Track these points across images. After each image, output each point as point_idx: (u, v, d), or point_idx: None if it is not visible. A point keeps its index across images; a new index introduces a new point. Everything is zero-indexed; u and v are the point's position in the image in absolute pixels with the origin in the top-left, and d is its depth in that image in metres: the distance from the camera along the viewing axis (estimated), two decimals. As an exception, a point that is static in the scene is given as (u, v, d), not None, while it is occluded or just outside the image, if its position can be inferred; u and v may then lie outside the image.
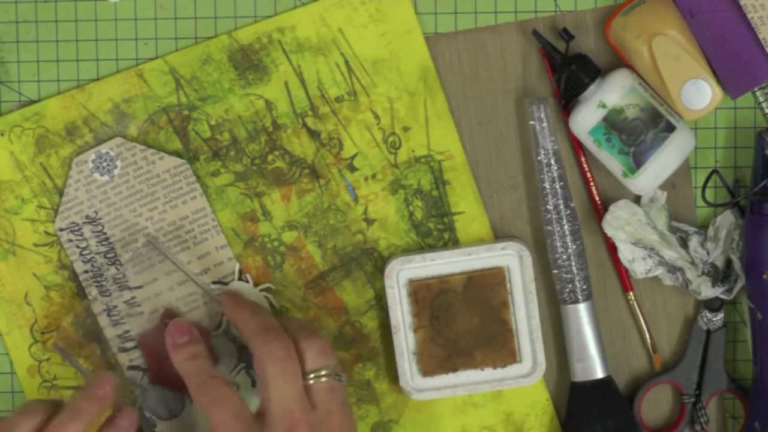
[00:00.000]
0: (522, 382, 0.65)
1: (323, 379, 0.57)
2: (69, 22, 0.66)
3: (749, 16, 0.62)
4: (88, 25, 0.66)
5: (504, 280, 0.65)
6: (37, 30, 0.66)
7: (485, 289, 0.64)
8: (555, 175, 0.65)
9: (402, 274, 0.65)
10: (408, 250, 0.66)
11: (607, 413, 0.65)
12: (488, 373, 0.65)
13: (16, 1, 0.65)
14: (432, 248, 0.66)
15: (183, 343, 0.60)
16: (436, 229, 0.67)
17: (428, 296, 0.65)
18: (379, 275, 0.67)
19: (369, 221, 0.66)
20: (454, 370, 0.65)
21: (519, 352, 0.65)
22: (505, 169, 0.67)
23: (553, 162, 0.65)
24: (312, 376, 0.57)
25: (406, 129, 0.66)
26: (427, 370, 0.65)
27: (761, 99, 0.66)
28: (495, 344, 0.65)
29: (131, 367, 0.66)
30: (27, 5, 0.65)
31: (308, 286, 0.66)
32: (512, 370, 0.65)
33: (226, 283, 0.66)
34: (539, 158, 0.65)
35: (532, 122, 0.65)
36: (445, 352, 0.65)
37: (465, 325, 0.65)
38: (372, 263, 0.66)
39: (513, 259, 0.65)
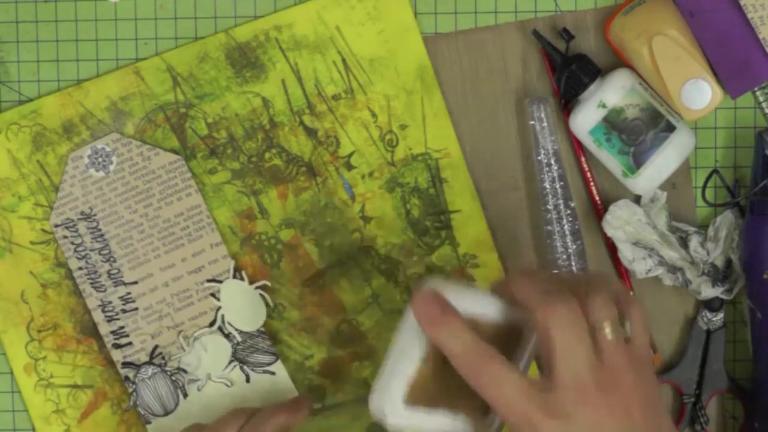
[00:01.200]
0: None
1: (607, 332, 0.52)
2: (69, 22, 0.66)
3: (749, 16, 0.62)
4: (88, 25, 0.66)
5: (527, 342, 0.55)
6: (37, 30, 0.66)
7: (509, 343, 0.55)
8: (555, 175, 0.65)
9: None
10: (404, 247, 0.67)
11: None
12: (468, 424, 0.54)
13: (16, 1, 0.66)
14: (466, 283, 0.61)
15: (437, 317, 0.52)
16: (433, 227, 0.67)
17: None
18: (376, 273, 0.67)
19: (366, 219, 0.67)
20: (437, 407, 0.53)
21: None
22: (505, 169, 0.67)
23: (553, 162, 0.65)
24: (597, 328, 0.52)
25: (403, 127, 0.67)
26: (411, 399, 0.53)
27: (761, 99, 0.66)
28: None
29: (125, 364, 0.66)
30: (27, 5, 0.66)
31: (305, 284, 0.67)
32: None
33: (221, 281, 0.66)
34: (539, 158, 0.66)
35: (533, 122, 0.65)
36: (442, 388, 0.54)
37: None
38: (369, 261, 0.67)
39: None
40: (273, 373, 0.66)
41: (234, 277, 0.66)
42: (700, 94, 0.63)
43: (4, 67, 0.66)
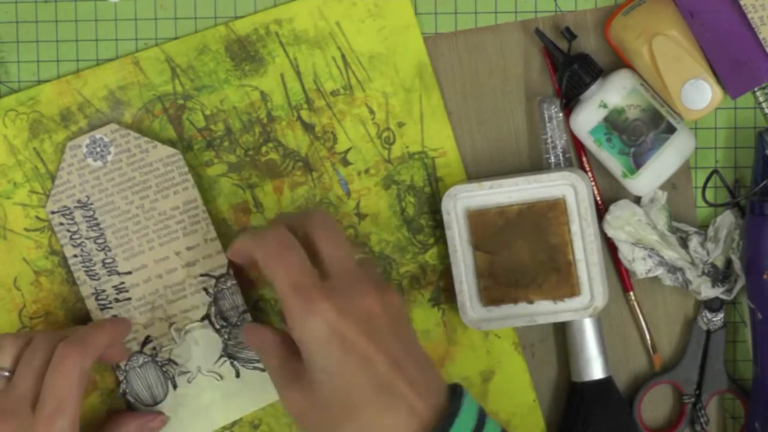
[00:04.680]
0: (578, 315, 0.65)
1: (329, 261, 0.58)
2: (69, 22, 0.68)
3: (749, 16, 0.64)
4: (88, 25, 0.68)
5: (563, 211, 0.65)
6: (37, 30, 0.68)
7: (544, 219, 0.65)
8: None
9: (460, 203, 0.66)
10: (398, 244, 0.68)
11: (607, 413, 0.67)
12: (546, 305, 0.66)
13: (16, 1, 0.68)
14: (489, 177, 0.67)
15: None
16: (428, 226, 0.69)
17: (486, 226, 0.66)
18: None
19: (361, 216, 0.69)
20: (515, 301, 0.66)
21: (578, 285, 0.65)
22: (505, 170, 0.69)
23: (562, 162, 0.68)
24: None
25: (400, 125, 0.69)
26: (488, 300, 0.66)
27: (761, 99, 0.68)
28: (554, 276, 0.65)
29: (117, 353, 0.69)
30: (27, 5, 0.68)
31: (299, 278, 0.69)
32: (570, 303, 0.65)
33: (216, 277, 0.68)
34: (547, 156, 0.68)
35: (550, 123, 0.67)
36: (505, 281, 0.66)
37: (524, 255, 0.66)
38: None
39: (569, 189, 0.65)
40: (263, 370, 0.68)
41: (228, 272, 0.67)
42: (700, 94, 0.65)
43: (4, 67, 0.68)
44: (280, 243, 0.56)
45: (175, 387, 0.68)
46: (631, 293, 0.69)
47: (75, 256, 0.68)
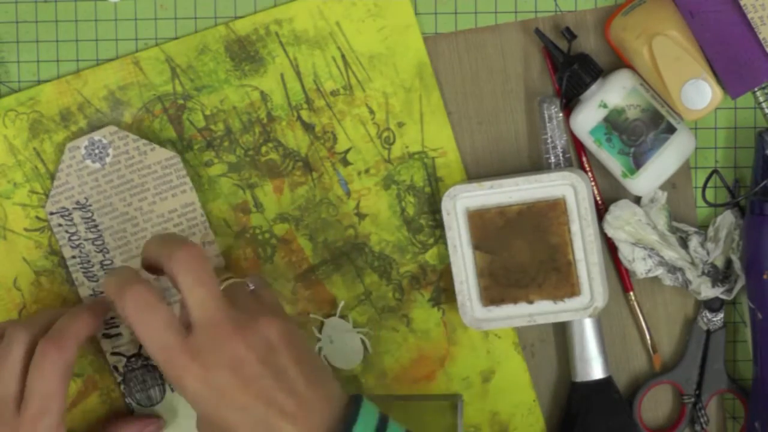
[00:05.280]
0: (578, 315, 0.66)
1: (229, 281, 0.60)
2: (69, 22, 0.69)
3: (749, 16, 0.64)
4: (88, 25, 0.69)
5: (563, 211, 0.65)
6: (37, 30, 0.69)
7: (544, 219, 0.65)
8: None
9: (460, 203, 0.66)
10: (398, 244, 0.69)
11: (607, 413, 0.67)
12: (546, 305, 0.66)
13: (16, 1, 0.69)
14: (489, 177, 0.67)
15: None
16: (427, 226, 0.69)
17: (486, 226, 0.66)
18: (369, 270, 0.70)
19: (361, 216, 0.69)
20: (515, 301, 0.66)
21: (578, 285, 0.65)
22: (505, 170, 0.70)
23: (562, 162, 0.68)
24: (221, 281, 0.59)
25: (400, 125, 0.69)
26: (488, 300, 0.66)
27: (761, 99, 0.69)
28: (554, 276, 0.65)
29: (114, 353, 0.68)
30: (27, 5, 0.69)
31: (298, 279, 0.69)
32: (570, 303, 0.66)
33: None
34: (547, 156, 0.68)
35: (550, 122, 0.67)
36: (505, 281, 0.66)
37: (524, 255, 0.66)
38: (363, 258, 0.69)
39: (569, 189, 0.66)
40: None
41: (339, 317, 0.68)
42: (700, 94, 0.65)
43: (4, 67, 0.68)
44: (140, 303, 0.57)
45: (173, 389, 0.68)
46: (631, 293, 0.69)
47: (73, 257, 0.68)
